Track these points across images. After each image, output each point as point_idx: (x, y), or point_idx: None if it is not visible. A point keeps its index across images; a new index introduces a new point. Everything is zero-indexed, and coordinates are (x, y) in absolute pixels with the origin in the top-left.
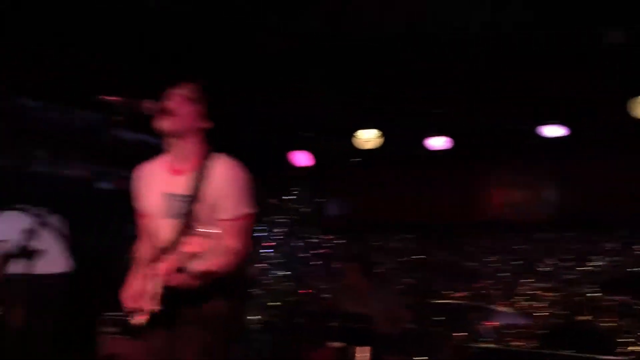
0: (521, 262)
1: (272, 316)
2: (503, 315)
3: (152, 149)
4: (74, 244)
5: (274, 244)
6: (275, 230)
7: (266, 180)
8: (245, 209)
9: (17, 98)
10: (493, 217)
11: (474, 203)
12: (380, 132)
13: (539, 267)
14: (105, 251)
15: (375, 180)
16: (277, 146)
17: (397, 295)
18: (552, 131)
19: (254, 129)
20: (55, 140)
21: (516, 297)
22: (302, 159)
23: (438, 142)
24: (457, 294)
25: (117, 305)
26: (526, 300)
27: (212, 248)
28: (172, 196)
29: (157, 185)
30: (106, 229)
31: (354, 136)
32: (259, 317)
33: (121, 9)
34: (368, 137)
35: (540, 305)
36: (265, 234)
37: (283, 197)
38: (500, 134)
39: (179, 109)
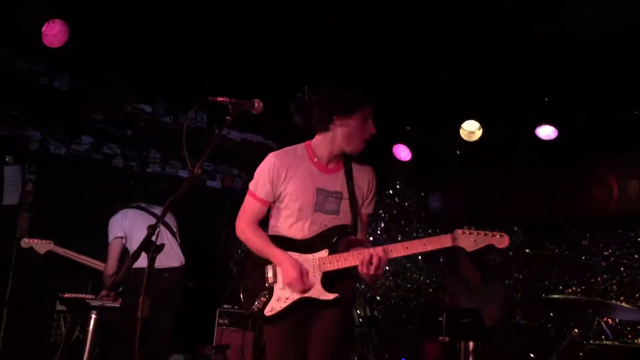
0: None
1: (376, 311)
2: (622, 310)
3: (257, 147)
4: (186, 240)
5: (371, 239)
6: (377, 224)
7: None
8: (372, 209)
9: (140, 104)
10: (610, 210)
11: (589, 196)
12: (485, 124)
13: None
14: (214, 247)
15: (481, 173)
16: (380, 140)
17: (505, 290)
18: None
19: None
20: (167, 142)
21: (637, 293)
22: (405, 152)
23: (546, 132)
24: (573, 289)
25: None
26: None
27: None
28: (327, 192)
29: (310, 180)
30: (215, 225)
31: (460, 128)
32: (361, 311)
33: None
34: (473, 129)
35: None
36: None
37: (386, 191)
38: (617, 122)
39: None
